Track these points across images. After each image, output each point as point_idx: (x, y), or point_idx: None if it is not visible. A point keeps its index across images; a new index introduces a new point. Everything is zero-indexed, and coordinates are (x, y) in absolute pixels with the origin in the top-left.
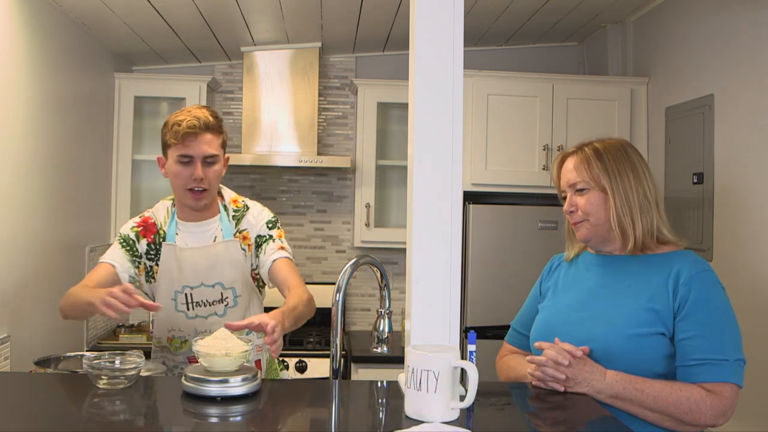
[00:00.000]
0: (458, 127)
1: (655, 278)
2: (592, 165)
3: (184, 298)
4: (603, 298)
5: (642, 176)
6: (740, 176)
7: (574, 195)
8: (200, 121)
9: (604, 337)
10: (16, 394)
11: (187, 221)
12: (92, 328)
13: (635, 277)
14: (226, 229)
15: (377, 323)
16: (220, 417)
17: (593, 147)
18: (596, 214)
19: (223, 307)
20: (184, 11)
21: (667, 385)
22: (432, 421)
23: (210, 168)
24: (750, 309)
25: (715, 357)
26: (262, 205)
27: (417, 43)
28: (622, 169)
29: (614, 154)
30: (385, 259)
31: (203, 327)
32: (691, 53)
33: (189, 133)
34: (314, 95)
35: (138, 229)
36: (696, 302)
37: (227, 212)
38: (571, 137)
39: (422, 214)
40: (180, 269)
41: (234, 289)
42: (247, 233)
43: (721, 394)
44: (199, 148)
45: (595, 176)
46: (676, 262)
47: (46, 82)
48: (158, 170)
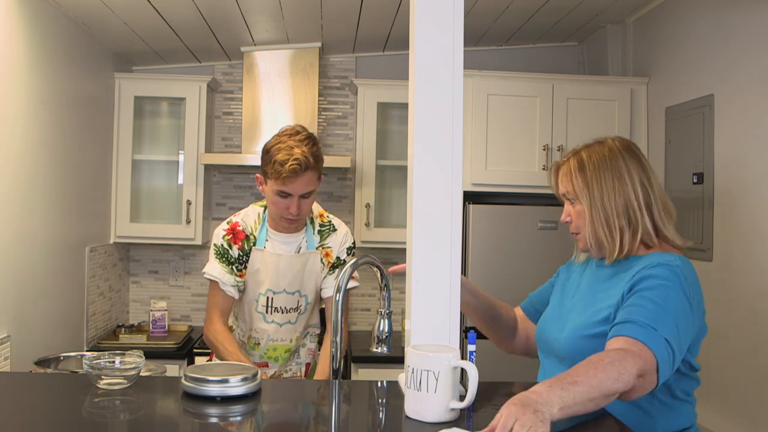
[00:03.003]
0: (458, 127)
1: (621, 280)
2: (573, 177)
3: (265, 300)
4: (577, 302)
5: (626, 182)
6: (740, 176)
7: (568, 204)
8: (301, 164)
9: (567, 338)
10: (16, 394)
11: (277, 231)
12: (92, 328)
13: (609, 281)
14: (310, 241)
15: (377, 323)
16: (220, 417)
17: (578, 157)
18: (583, 227)
19: (296, 315)
20: (184, 11)
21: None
22: (432, 421)
23: (305, 200)
24: (750, 309)
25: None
26: (346, 227)
27: (417, 42)
28: (602, 178)
29: (596, 163)
30: (385, 259)
31: (276, 335)
32: (691, 53)
33: (289, 177)
34: (314, 95)
35: (228, 237)
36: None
37: (314, 226)
38: (571, 137)
39: (422, 214)
40: (267, 273)
41: (307, 296)
42: (330, 251)
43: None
44: (297, 188)
45: (576, 189)
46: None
47: (46, 82)
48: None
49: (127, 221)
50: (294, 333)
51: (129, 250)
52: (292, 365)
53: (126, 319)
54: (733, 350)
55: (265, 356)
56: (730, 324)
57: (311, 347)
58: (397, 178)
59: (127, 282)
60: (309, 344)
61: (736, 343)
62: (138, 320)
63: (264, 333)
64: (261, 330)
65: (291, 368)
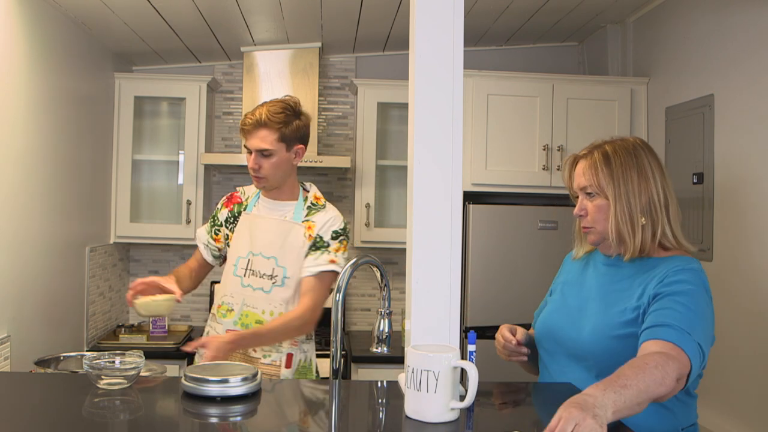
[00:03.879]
0: (458, 127)
1: (644, 281)
2: (598, 171)
3: (245, 263)
4: (596, 300)
5: (650, 180)
6: (740, 176)
7: (585, 198)
8: (255, 118)
9: (590, 338)
10: (16, 394)
11: (268, 198)
12: (92, 328)
13: (631, 280)
14: (297, 213)
15: (377, 323)
16: (220, 417)
17: (603, 151)
18: (603, 221)
19: (270, 284)
20: (184, 11)
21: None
22: (432, 421)
23: (265, 159)
24: (750, 309)
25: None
26: (341, 215)
27: (417, 42)
28: (628, 174)
29: (623, 158)
30: (385, 259)
31: (250, 300)
32: (691, 53)
33: (245, 129)
34: (314, 95)
35: (224, 200)
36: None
37: (305, 202)
38: (571, 137)
39: (422, 214)
40: (250, 235)
41: (285, 269)
42: (312, 225)
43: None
44: (253, 143)
45: (601, 183)
46: (667, 263)
47: (46, 82)
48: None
49: (127, 221)
50: (267, 305)
51: (129, 250)
52: (273, 352)
53: (126, 319)
54: (732, 350)
55: (238, 323)
56: (730, 324)
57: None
58: (397, 178)
59: (127, 282)
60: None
61: (735, 343)
62: (138, 320)
63: (240, 297)
64: (237, 294)
65: (271, 355)
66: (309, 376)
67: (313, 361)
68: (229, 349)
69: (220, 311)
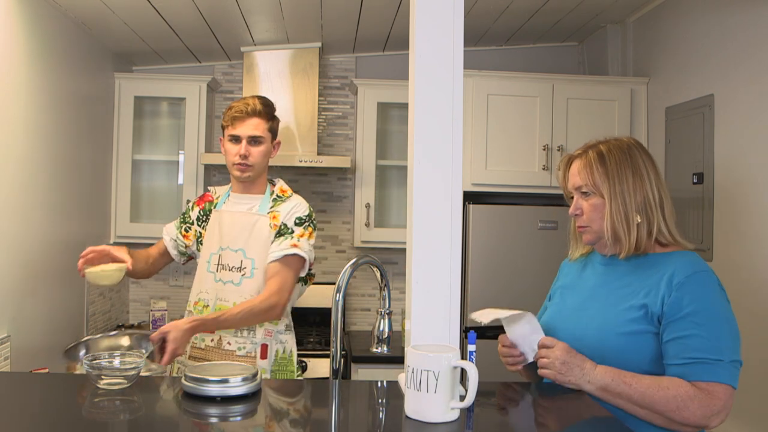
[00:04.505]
0: (458, 127)
1: (651, 278)
2: (594, 170)
3: (216, 258)
4: (600, 298)
5: (645, 179)
6: (740, 176)
7: (580, 198)
8: (249, 106)
9: (597, 336)
10: (16, 394)
11: (237, 193)
12: (92, 328)
13: (632, 277)
14: (263, 205)
15: (377, 323)
16: (220, 417)
17: (597, 150)
18: (599, 220)
19: (240, 276)
20: (184, 11)
21: (655, 381)
22: (432, 421)
23: (255, 148)
24: (750, 309)
25: (710, 356)
26: (306, 203)
27: (417, 42)
28: (623, 173)
29: (618, 157)
30: (385, 259)
31: (223, 294)
32: (691, 53)
33: (237, 117)
34: (314, 95)
35: (196, 199)
36: (692, 303)
37: (271, 195)
38: (571, 137)
39: (422, 214)
40: (220, 231)
41: (254, 260)
42: (277, 215)
43: (714, 394)
44: (245, 130)
45: (596, 181)
46: (672, 262)
47: (46, 82)
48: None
49: (127, 221)
50: (239, 297)
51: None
52: (247, 344)
53: (126, 319)
54: None
55: None
56: None
57: (270, 328)
58: (397, 178)
59: (127, 282)
60: (267, 324)
61: None
62: (138, 320)
63: (213, 293)
64: (211, 290)
65: (245, 347)
66: (290, 368)
67: (294, 353)
68: (188, 336)
69: (196, 308)
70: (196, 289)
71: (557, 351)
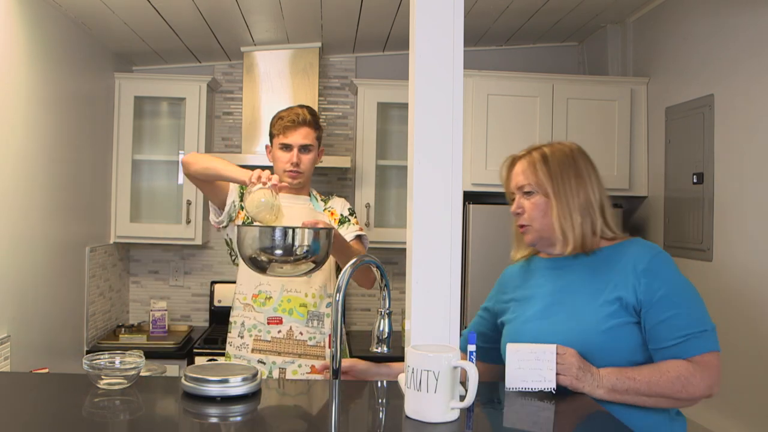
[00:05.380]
0: (458, 127)
1: (614, 270)
2: (537, 169)
3: None
4: (568, 300)
5: (587, 181)
6: (740, 176)
7: (522, 197)
8: (299, 117)
9: (580, 338)
10: (16, 394)
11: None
12: (92, 328)
13: (593, 273)
14: (316, 206)
15: (377, 323)
16: (220, 417)
17: (541, 152)
18: (540, 218)
19: None
20: (184, 11)
21: (655, 368)
22: (432, 421)
23: (305, 155)
24: (750, 309)
25: (697, 330)
26: None
27: (417, 42)
28: (566, 174)
29: (560, 159)
30: (385, 259)
31: (290, 285)
32: (691, 53)
33: (287, 126)
34: (314, 95)
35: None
36: (662, 286)
37: (315, 198)
38: (571, 137)
39: (422, 214)
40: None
41: None
42: (334, 211)
43: (710, 364)
44: (296, 139)
45: (540, 181)
46: (628, 251)
47: (46, 82)
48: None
49: (127, 221)
50: (309, 288)
51: (129, 250)
52: (317, 334)
53: (126, 319)
54: (731, 350)
55: (279, 309)
56: (729, 324)
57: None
58: (397, 178)
59: (127, 282)
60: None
61: (734, 342)
62: (138, 320)
63: (277, 284)
64: (273, 281)
65: (315, 337)
66: (344, 354)
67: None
68: None
69: (257, 300)
70: (252, 281)
71: (570, 357)
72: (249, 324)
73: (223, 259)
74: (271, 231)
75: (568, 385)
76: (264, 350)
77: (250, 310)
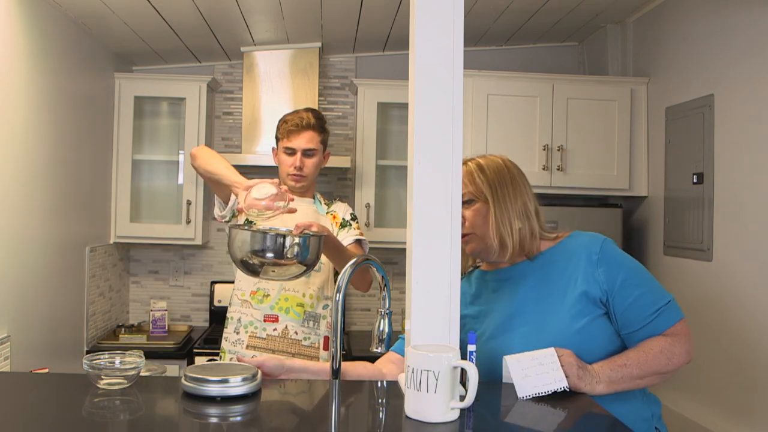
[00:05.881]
0: (458, 127)
1: (568, 267)
2: (475, 178)
3: None
4: (530, 308)
5: (521, 187)
6: (740, 176)
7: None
8: (303, 120)
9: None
10: (16, 394)
11: None
12: (92, 328)
13: (546, 276)
14: (319, 209)
15: (377, 323)
16: (220, 417)
17: (476, 162)
18: (482, 225)
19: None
20: (184, 11)
21: (639, 349)
22: (432, 421)
23: (309, 159)
24: (750, 309)
25: (662, 304)
26: None
27: (417, 42)
28: (503, 181)
29: (495, 168)
30: (385, 259)
31: (289, 284)
32: (691, 53)
33: (291, 131)
34: (314, 95)
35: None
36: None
37: (320, 202)
38: (571, 137)
39: (422, 214)
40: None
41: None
42: (336, 214)
43: (682, 332)
44: (300, 143)
45: (478, 188)
46: (575, 245)
47: (46, 82)
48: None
49: (127, 221)
50: (307, 288)
51: (129, 250)
52: (312, 335)
53: (126, 319)
54: (731, 349)
55: (276, 307)
56: (729, 323)
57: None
58: (397, 178)
59: (127, 282)
60: (330, 317)
61: (734, 342)
62: (138, 320)
63: (276, 282)
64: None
65: (310, 337)
66: None
67: None
68: None
69: (255, 297)
70: (251, 278)
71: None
72: (245, 320)
73: (223, 259)
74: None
75: (570, 386)
76: (258, 347)
77: (248, 307)
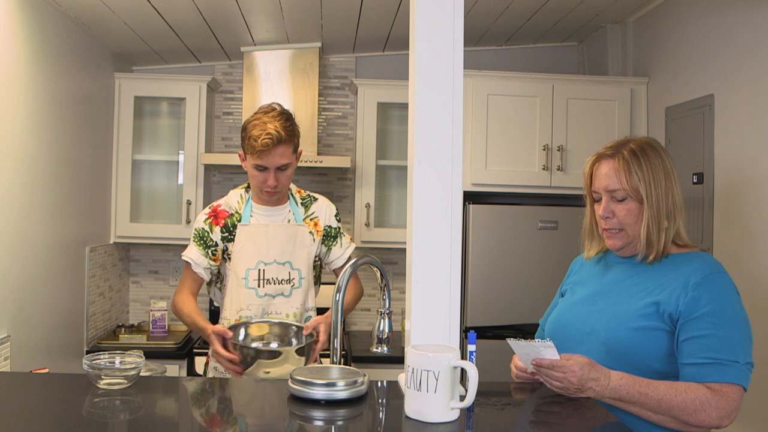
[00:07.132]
0: (458, 127)
1: (666, 277)
2: (631, 173)
3: (256, 274)
4: (612, 294)
5: (673, 181)
6: (740, 176)
7: (611, 201)
8: (274, 139)
9: (606, 329)
10: (16, 394)
11: (261, 205)
12: (92, 328)
13: (647, 275)
14: (297, 214)
15: (377, 323)
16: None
17: (630, 149)
18: (633, 225)
19: (290, 288)
20: (184, 11)
21: (672, 386)
22: (432, 421)
23: (283, 173)
24: (750, 309)
25: (726, 357)
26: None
27: (417, 43)
28: (658, 177)
29: (651, 159)
30: (385, 259)
31: (270, 308)
32: (691, 53)
33: (263, 150)
34: (314, 95)
35: (209, 219)
36: (709, 303)
37: (295, 200)
38: (571, 137)
39: (422, 214)
40: (256, 246)
41: (300, 270)
42: (317, 220)
43: (727, 395)
44: (273, 161)
45: (633, 185)
46: (689, 263)
47: (46, 82)
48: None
49: (127, 221)
50: (290, 308)
51: (129, 250)
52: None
53: (126, 319)
54: None
55: None
56: None
57: None
58: (397, 178)
59: (127, 282)
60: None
61: None
62: (138, 320)
63: (258, 308)
64: (254, 306)
65: None
66: None
67: None
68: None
69: None
70: (234, 306)
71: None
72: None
73: None
74: (265, 353)
75: (570, 395)
76: None
77: None
